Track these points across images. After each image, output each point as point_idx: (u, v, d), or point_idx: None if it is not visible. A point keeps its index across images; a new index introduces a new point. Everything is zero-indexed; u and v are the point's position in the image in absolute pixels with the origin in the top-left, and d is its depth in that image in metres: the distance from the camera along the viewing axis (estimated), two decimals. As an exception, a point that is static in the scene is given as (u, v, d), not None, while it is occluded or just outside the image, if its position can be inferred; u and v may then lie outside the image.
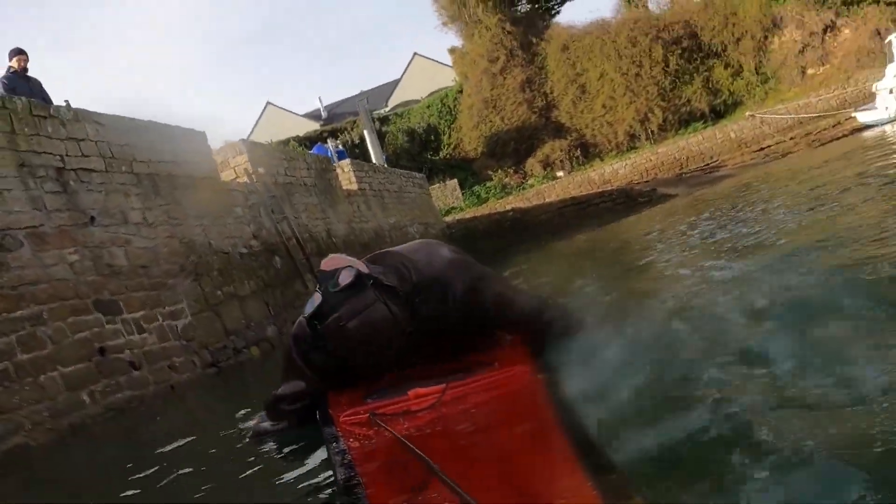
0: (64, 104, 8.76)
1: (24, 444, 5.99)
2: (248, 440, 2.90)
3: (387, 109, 40.48)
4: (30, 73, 9.57)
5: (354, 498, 1.42)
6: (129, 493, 2.80)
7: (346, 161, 17.77)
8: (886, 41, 21.24)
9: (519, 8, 35.00)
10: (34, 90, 9.35)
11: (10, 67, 9.42)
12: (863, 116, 21.95)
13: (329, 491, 1.89)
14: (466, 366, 2.05)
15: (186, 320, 9.00)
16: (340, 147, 23.28)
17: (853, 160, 9.67)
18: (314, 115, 51.17)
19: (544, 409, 1.69)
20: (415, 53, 51.19)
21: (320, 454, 2.34)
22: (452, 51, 35.34)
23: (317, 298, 2.13)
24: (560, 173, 30.39)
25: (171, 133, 10.25)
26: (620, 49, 30.55)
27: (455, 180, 31.00)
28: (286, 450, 2.59)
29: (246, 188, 11.85)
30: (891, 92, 19.92)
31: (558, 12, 36.45)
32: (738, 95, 29.81)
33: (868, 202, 4.36)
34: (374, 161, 22.35)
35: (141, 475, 3.12)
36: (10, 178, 7.21)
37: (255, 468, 2.46)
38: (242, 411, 4.03)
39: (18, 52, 9.51)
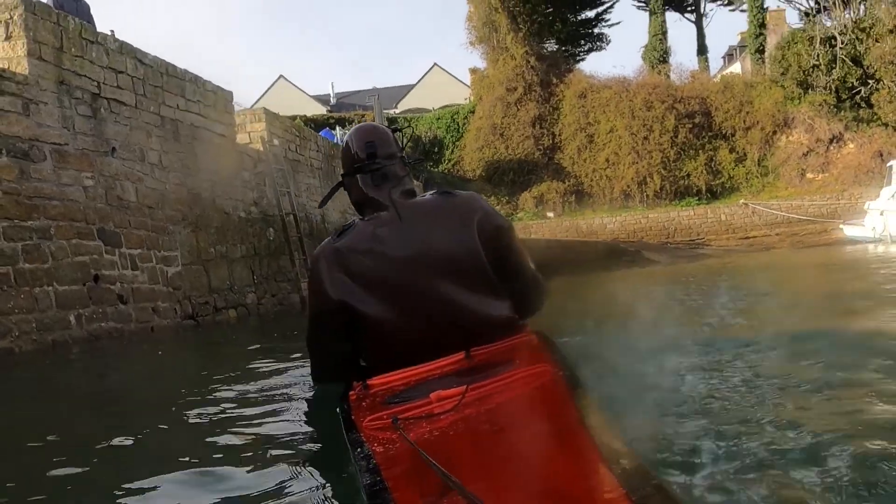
0: (109, 33, 8.91)
1: (9, 348, 6.11)
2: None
3: (396, 112, 40.73)
4: (81, -4, 9.64)
5: (380, 502, 1.40)
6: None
7: (354, 153, 17.95)
8: (888, 165, 21.92)
9: (547, 46, 35.57)
10: (81, 12, 9.41)
11: (63, -15, 9.50)
12: (849, 230, 22.59)
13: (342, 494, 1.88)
14: (486, 366, 2.06)
15: (177, 268, 9.14)
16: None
17: (831, 270, 10.00)
18: (323, 99, 51.24)
19: (568, 408, 1.69)
20: (434, 63, 51.68)
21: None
22: (474, 71, 35.71)
23: None
24: (550, 214, 30.79)
25: (203, 86, 10.42)
26: (635, 110, 31.08)
27: (448, 196, 31.22)
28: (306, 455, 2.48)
29: (257, 155, 12.02)
30: (881, 214, 20.55)
31: (583, 59, 37.21)
32: (736, 181, 30.45)
33: (832, 315, 4.60)
34: (377, 159, 22.56)
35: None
36: (49, 93, 7.36)
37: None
38: (219, 376, 4.04)
39: (75, -29, 9.58)
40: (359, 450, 1.72)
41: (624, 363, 2.55)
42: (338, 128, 25.42)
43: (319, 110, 42.90)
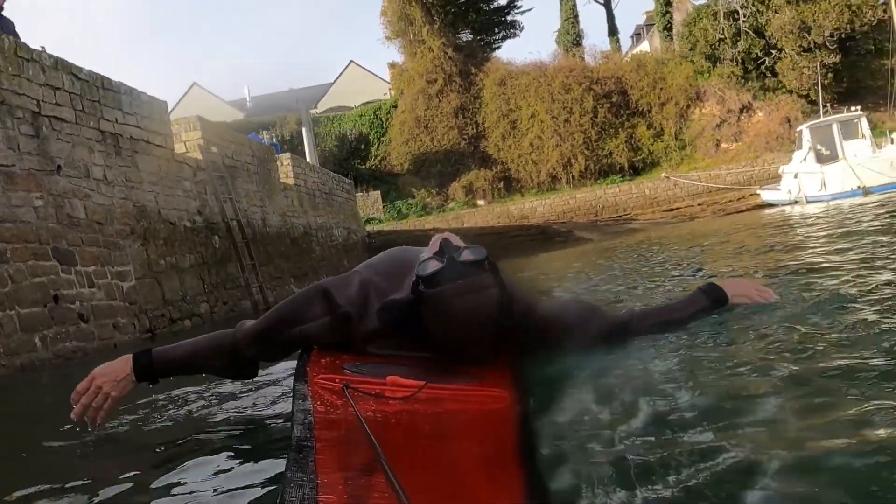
0: (41, 49, 8.75)
1: (-19, 375, 6.03)
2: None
3: (317, 112, 40.49)
4: (5, 13, 9.41)
5: (302, 458, 1.40)
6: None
7: (287, 155, 17.91)
8: (798, 130, 22.98)
9: (462, 36, 35.92)
10: (6, 30, 9.23)
11: (-15, 4, 9.26)
12: (766, 195, 23.66)
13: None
14: (451, 371, 2.00)
15: (131, 283, 9.07)
16: (275, 140, 23.30)
17: (752, 233, 10.26)
18: (239, 104, 50.52)
19: (509, 438, 1.65)
20: (351, 61, 51.56)
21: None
22: (393, 65, 35.85)
23: (434, 264, 2.00)
24: (481, 202, 31.22)
25: (138, 97, 10.31)
26: (554, 93, 31.75)
27: (378, 192, 31.37)
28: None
29: (196, 164, 11.93)
30: (795, 176, 21.59)
31: (499, 47, 37.69)
32: (656, 156, 31.48)
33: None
34: (307, 159, 22.49)
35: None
36: (-10, 114, 7.22)
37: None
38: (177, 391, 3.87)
39: (-3, -10, 9.35)
40: (301, 402, 1.72)
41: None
42: (263, 132, 25.19)
43: (237, 115, 42.30)
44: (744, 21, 29.80)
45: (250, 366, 2.34)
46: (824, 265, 4.18)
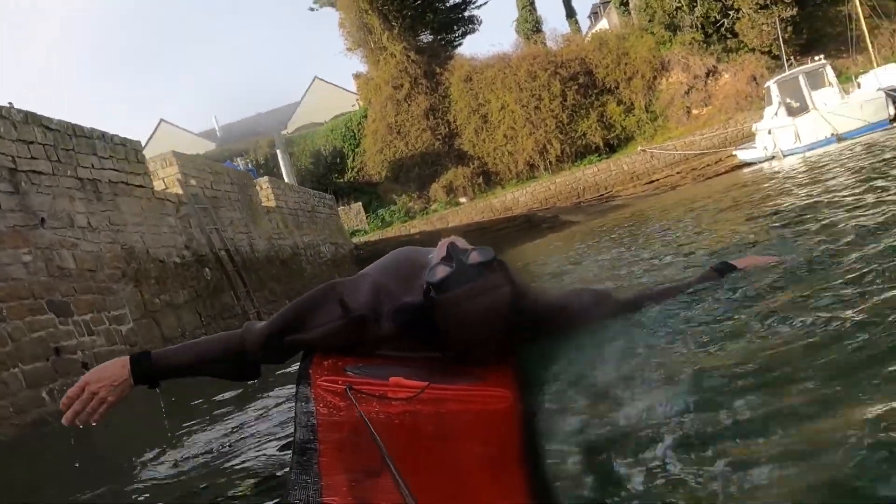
0: (9, 105, 8.74)
1: (-5, 437, 6.03)
2: None
3: (287, 132, 40.44)
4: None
5: (306, 460, 1.39)
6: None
7: (265, 178, 17.92)
8: (765, 86, 23.16)
9: (423, 38, 35.95)
10: (-30, 91, 9.21)
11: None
12: (743, 154, 23.83)
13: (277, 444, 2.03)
14: (454, 371, 2.00)
15: (129, 325, 9.06)
16: (250, 166, 23.30)
17: (731, 195, 10.23)
18: (209, 135, 50.34)
19: (513, 438, 1.64)
20: (315, 77, 51.41)
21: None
22: (357, 76, 35.82)
23: (443, 270, 1.99)
24: (463, 199, 31.28)
25: (111, 140, 10.30)
26: (521, 82, 31.85)
27: (359, 203, 31.37)
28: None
29: (178, 199, 11.92)
30: (769, 133, 21.77)
31: (461, 44, 37.73)
32: (629, 131, 31.65)
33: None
34: (285, 180, 22.49)
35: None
36: (-33, 176, 7.21)
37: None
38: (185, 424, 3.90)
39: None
40: (303, 404, 1.71)
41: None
42: (238, 159, 25.18)
43: (208, 146, 42.20)
44: (698, -14, 29.96)
45: (254, 368, 2.29)
46: (811, 215, 4.27)
